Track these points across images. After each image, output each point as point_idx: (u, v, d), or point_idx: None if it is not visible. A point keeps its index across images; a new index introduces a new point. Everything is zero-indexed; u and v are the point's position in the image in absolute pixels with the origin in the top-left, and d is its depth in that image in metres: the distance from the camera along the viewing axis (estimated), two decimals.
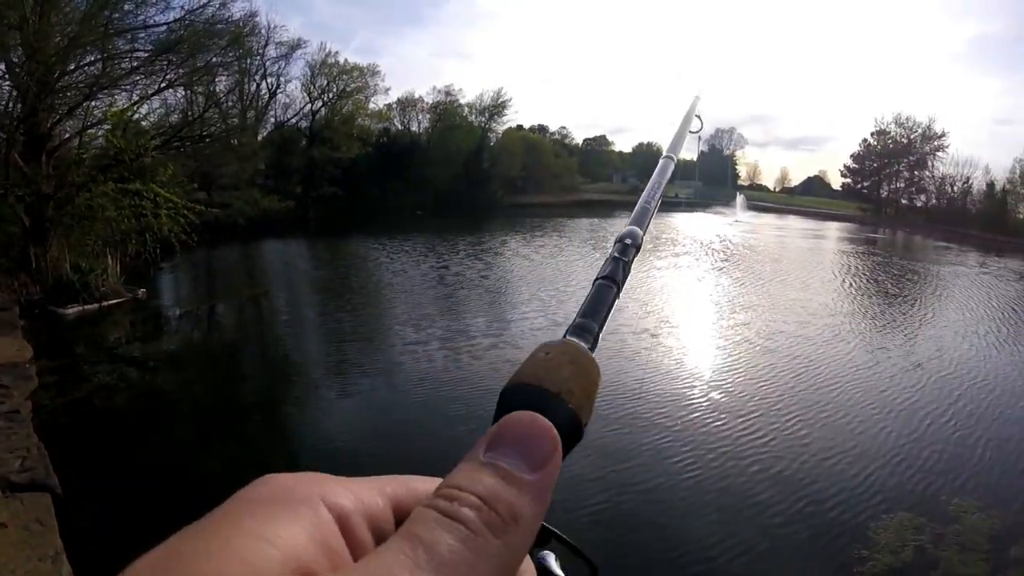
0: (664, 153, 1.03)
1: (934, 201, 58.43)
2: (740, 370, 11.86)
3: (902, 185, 62.55)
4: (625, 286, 0.58)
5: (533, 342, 7.66)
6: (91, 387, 9.87)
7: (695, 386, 10.75)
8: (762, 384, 11.05)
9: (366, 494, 0.34)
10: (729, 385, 10.95)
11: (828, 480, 7.74)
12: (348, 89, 39.63)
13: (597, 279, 0.57)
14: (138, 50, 16.56)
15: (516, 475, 0.31)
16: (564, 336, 0.47)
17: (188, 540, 0.29)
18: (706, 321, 15.79)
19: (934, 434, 9.33)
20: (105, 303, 14.06)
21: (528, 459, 0.32)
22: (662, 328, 14.42)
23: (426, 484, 0.36)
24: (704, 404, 9.92)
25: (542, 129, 75.98)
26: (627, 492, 7.16)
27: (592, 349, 0.46)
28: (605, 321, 0.51)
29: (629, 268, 0.60)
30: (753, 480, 7.65)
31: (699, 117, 1.46)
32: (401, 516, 0.32)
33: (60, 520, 5.51)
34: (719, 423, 9.27)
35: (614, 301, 0.55)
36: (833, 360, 12.69)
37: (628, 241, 0.63)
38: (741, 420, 9.36)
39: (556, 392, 0.37)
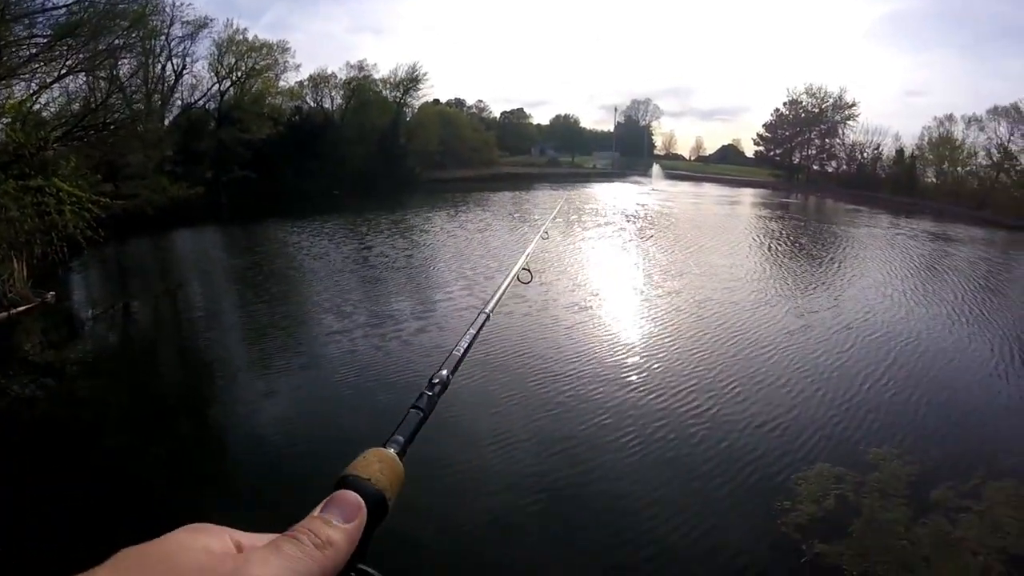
0: (485, 310, 1.19)
1: (845, 167, 61.32)
2: (672, 338, 12.39)
3: (814, 152, 65.65)
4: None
5: (459, 323, 7.87)
6: (8, 400, 9.45)
7: (629, 357, 11.15)
8: (693, 351, 11.56)
9: (254, 538, 0.53)
10: (663, 354, 11.44)
11: (751, 439, 8.13)
12: (257, 67, 37.85)
13: (411, 407, 0.77)
14: (36, 36, 15.37)
15: (332, 522, 0.55)
16: (384, 445, 0.69)
17: (154, 543, 0.49)
18: (635, 291, 16.28)
19: (855, 389, 9.93)
20: (14, 311, 13.30)
21: (342, 515, 0.55)
22: (591, 301, 14.77)
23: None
24: (638, 375, 10.31)
25: (459, 103, 75.48)
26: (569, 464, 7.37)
27: (401, 456, 0.67)
28: (412, 438, 0.72)
29: (435, 403, 0.80)
30: (681, 443, 7.99)
31: (528, 271, 1.74)
32: None
33: None
34: (652, 391, 9.68)
35: (420, 425, 0.75)
36: (759, 324, 13.46)
37: (436, 381, 0.83)
38: (673, 387, 9.79)
39: (367, 478, 0.60)
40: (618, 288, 16.48)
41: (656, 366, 10.82)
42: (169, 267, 21.23)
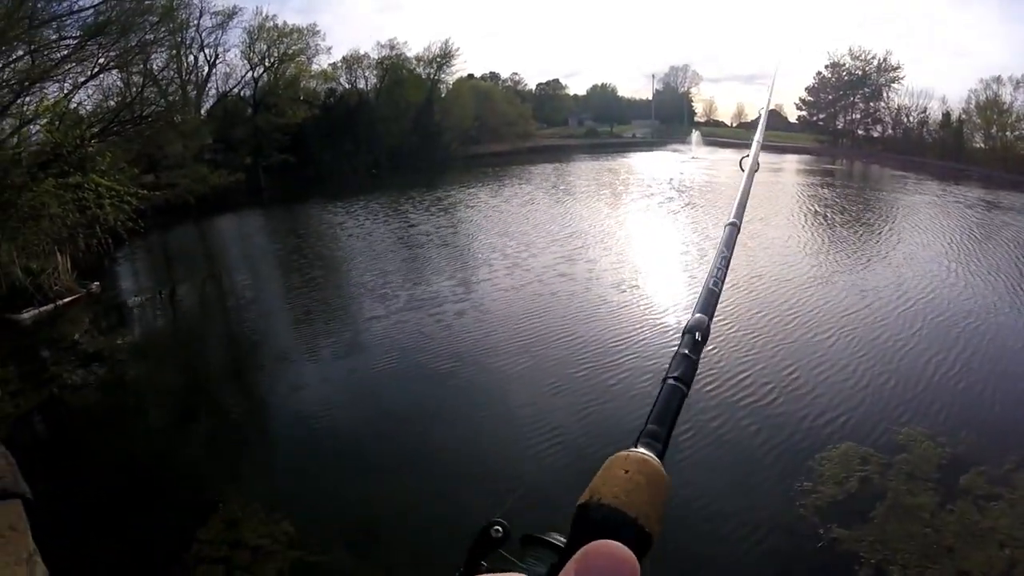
0: (728, 220, 0.99)
1: (890, 131, 59.02)
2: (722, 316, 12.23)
3: (858, 116, 63.00)
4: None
5: (503, 305, 7.94)
6: (56, 389, 9.85)
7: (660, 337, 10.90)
8: (724, 325, 11.25)
9: None
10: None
11: (776, 417, 7.91)
12: (289, 52, 38.18)
13: (666, 378, 0.58)
14: (66, 37, 15.90)
15: None
16: (636, 443, 0.51)
17: None
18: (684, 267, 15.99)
19: (891, 365, 9.53)
20: (60, 302, 13.87)
21: None
22: (636, 277, 14.72)
23: None
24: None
25: (494, 77, 74.51)
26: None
27: (662, 456, 0.50)
28: (674, 424, 0.55)
29: (698, 363, 0.61)
30: (701, 420, 7.80)
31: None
32: None
33: (33, 524, 5.65)
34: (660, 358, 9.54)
35: (683, 401, 0.58)
36: (794, 298, 13.07)
37: (698, 336, 0.63)
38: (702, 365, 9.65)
39: (634, 518, 0.42)
40: (660, 265, 16.30)
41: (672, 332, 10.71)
42: (212, 254, 21.86)
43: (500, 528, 0.48)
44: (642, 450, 0.49)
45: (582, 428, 7.80)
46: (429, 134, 48.20)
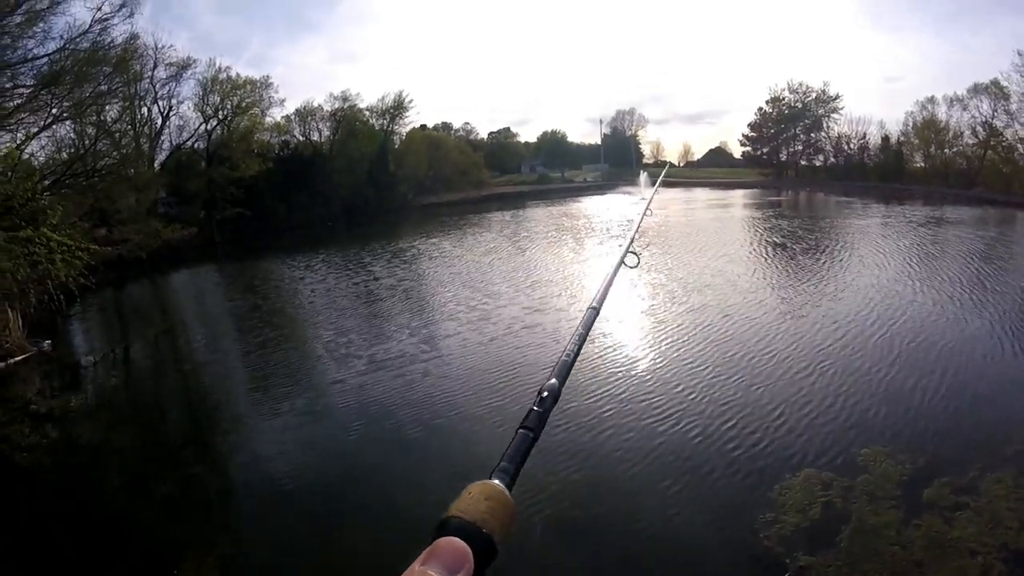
0: (589, 305, 1.11)
1: (832, 159, 61.69)
2: (651, 337, 12.36)
3: (800, 148, 65.84)
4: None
5: (472, 362, 7.66)
6: (7, 449, 9.45)
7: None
8: (666, 351, 11.49)
9: None
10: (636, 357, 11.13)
11: (729, 446, 7.78)
12: (243, 104, 38.12)
13: (519, 428, 0.69)
14: (20, 86, 15.57)
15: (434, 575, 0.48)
16: (491, 475, 0.62)
17: None
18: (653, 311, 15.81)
19: (845, 386, 9.47)
20: (10, 360, 13.39)
21: (445, 568, 0.49)
22: (606, 326, 14.51)
23: None
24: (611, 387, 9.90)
25: (446, 127, 76.11)
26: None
27: (510, 487, 0.60)
28: (522, 463, 0.65)
29: (547, 416, 0.72)
30: (651, 458, 7.64)
31: (635, 254, 1.70)
32: None
33: None
34: (609, 390, 9.63)
35: (531, 446, 0.68)
36: (740, 323, 13.12)
37: (546, 394, 0.74)
38: (644, 395, 9.51)
39: (472, 521, 0.53)
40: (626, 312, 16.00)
41: (627, 370, 10.71)
42: (166, 310, 21.24)
43: None
44: (495, 480, 0.60)
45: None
46: (384, 184, 48.47)
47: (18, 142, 16.15)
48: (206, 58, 58.18)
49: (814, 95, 63.58)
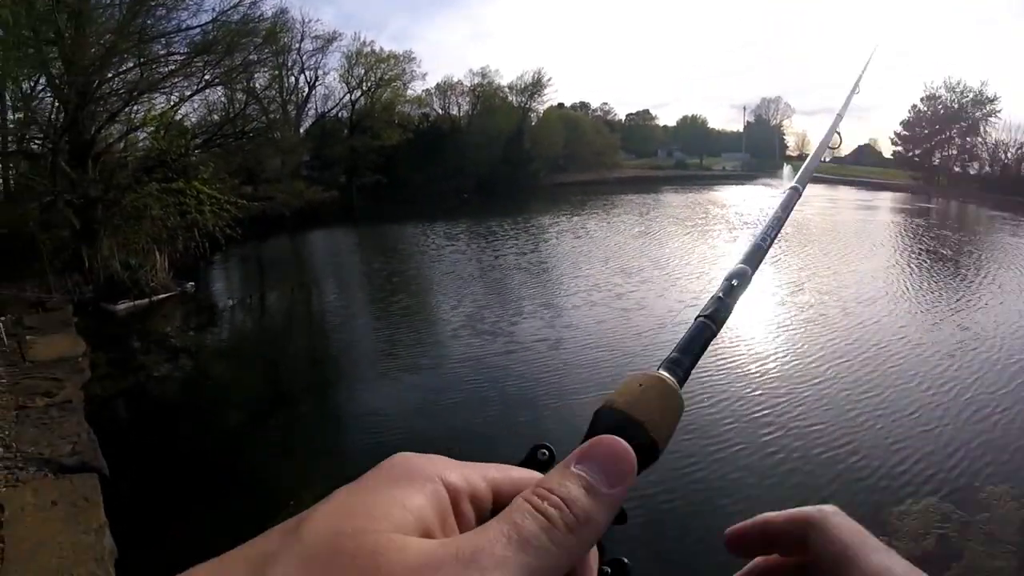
0: (791, 183, 0.95)
1: (987, 168, 55.54)
2: (791, 350, 11.66)
3: (954, 152, 59.48)
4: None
5: (595, 339, 7.54)
6: (142, 377, 10.36)
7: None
8: (813, 364, 10.84)
9: (473, 477, 0.40)
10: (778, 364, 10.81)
11: (851, 461, 7.54)
12: (386, 77, 39.82)
13: (698, 317, 0.59)
14: (174, 53, 17.17)
15: (595, 487, 0.38)
16: (659, 368, 0.51)
17: (353, 497, 0.36)
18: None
19: (971, 417, 8.89)
20: (155, 298, 14.63)
21: (607, 476, 0.39)
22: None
23: (521, 474, 0.44)
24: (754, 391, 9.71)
25: (583, 106, 75.18)
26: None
27: (681, 384, 0.51)
28: (698, 358, 0.55)
29: (732, 308, 0.61)
30: (783, 460, 7.55)
31: (839, 133, 1.40)
32: (499, 498, 0.41)
33: (107, 498, 5.92)
34: (737, 396, 9.26)
35: (710, 339, 0.57)
36: (887, 344, 12.12)
37: (735, 282, 0.64)
38: (787, 402, 9.21)
39: (640, 421, 0.44)
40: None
41: (769, 377, 10.32)
42: (303, 265, 22.43)
43: (547, 451, 0.49)
44: (662, 371, 0.51)
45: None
46: (518, 161, 48.80)
47: (172, 104, 17.86)
48: (351, 32, 60.75)
49: (971, 96, 57.22)
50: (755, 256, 0.69)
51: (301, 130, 37.42)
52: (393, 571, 0.31)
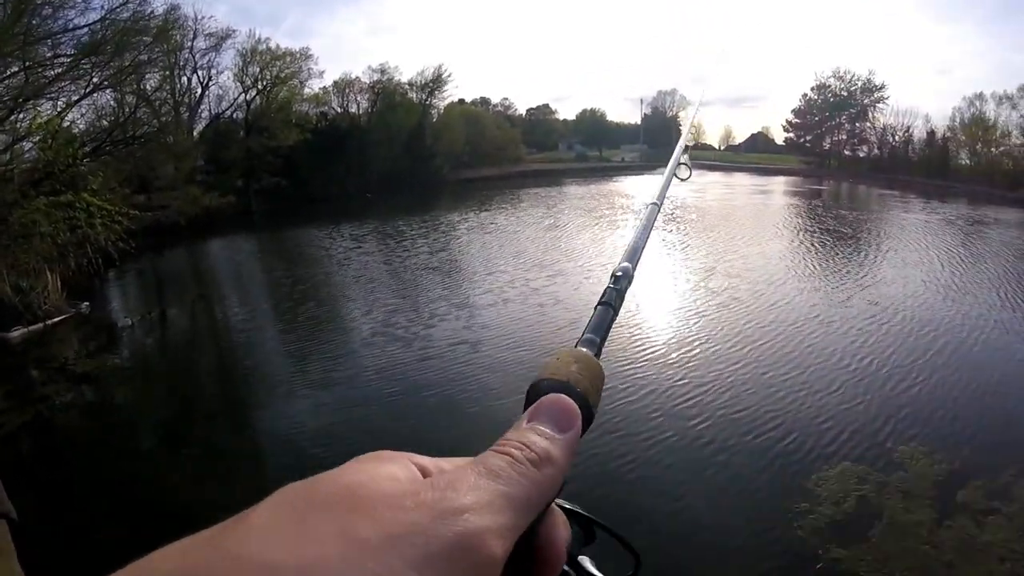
0: (650, 200, 1.11)
1: (876, 151, 59.96)
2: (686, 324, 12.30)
3: (844, 137, 64.12)
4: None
5: (503, 331, 7.63)
6: (44, 408, 9.68)
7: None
8: (710, 339, 11.39)
9: (440, 462, 0.41)
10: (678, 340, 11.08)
11: (767, 435, 7.83)
12: (282, 75, 38.53)
13: (598, 304, 0.67)
14: (61, 55, 16.06)
15: (549, 433, 0.42)
16: (576, 346, 0.57)
17: (326, 475, 0.36)
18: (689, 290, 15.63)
19: (879, 381, 9.49)
20: (49, 322, 13.66)
21: (557, 423, 0.43)
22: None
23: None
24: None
25: (484, 102, 75.56)
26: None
27: (597, 355, 0.56)
28: (606, 336, 0.62)
29: (623, 296, 0.71)
30: (690, 438, 7.77)
31: (688, 166, 1.48)
32: None
33: (20, 547, 5.47)
34: (651, 377, 9.61)
35: (612, 321, 0.65)
36: (784, 316, 13.00)
37: (620, 274, 0.74)
38: (685, 376, 9.59)
39: (566, 381, 0.48)
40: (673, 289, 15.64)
41: (663, 352, 10.70)
42: (203, 276, 21.55)
43: None
44: (582, 348, 0.56)
45: None
46: (421, 158, 48.52)
47: (59, 110, 16.59)
48: (246, 29, 58.91)
49: (860, 84, 61.94)
50: (634, 253, 0.81)
51: (195, 133, 35.60)
52: (372, 498, 0.33)
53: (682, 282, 16.10)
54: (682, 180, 1.45)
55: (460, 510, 0.33)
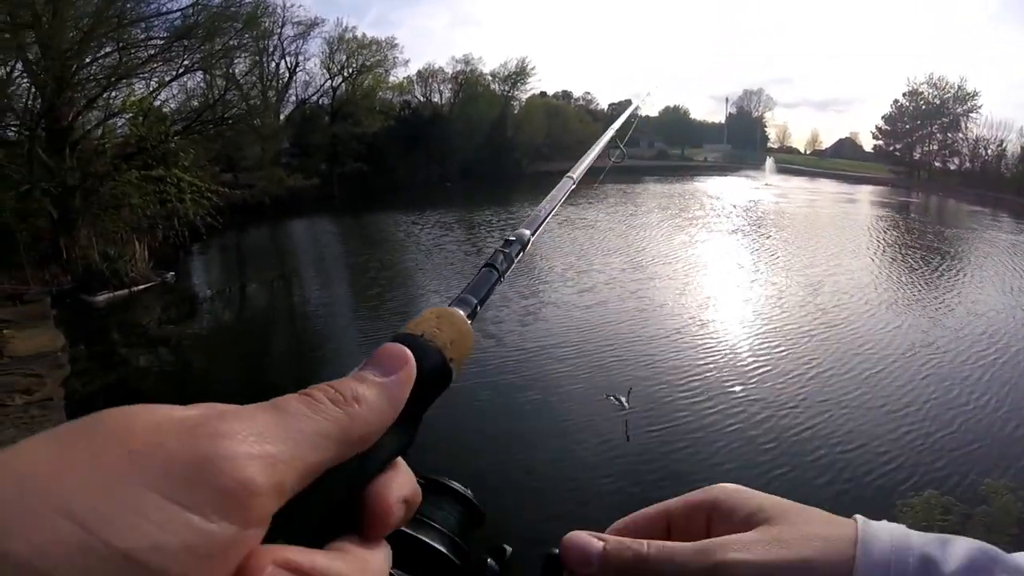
0: (568, 173, 1.10)
1: (968, 164, 56.24)
2: (780, 341, 11.73)
3: (935, 147, 60.15)
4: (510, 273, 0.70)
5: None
6: (124, 371, 10.17)
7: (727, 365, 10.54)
8: (805, 360, 10.79)
9: None
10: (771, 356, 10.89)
11: (852, 456, 7.63)
12: (367, 63, 39.31)
13: (484, 266, 0.67)
14: (153, 38, 16.90)
15: (366, 376, 0.40)
16: (449, 305, 0.56)
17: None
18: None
19: (970, 411, 9.05)
20: (134, 288, 14.37)
21: (381, 368, 0.40)
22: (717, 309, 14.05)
23: None
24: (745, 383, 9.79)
25: (566, 95, 74.96)
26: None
27: (471, 319, 0.56)
28: (485, 299, 0.61)
29: (511, 261, 0.71)
30: (780, 454, 7.61)
31: (621, 149, 1.59)
32: None
33: None
34: (739, 391, 9.32)
35: (495, 285, 0.65)
36: (881, 338, 12.22)
37: (513, 238, 0.74)
38: (781, 396, 9.25)
39: (420, 335, 0.47)
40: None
41: (751, 367, 10.40)
42: (284, 254, 22.03)
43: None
44: (452, 307, 0.56)
45: None
46: (501, 149, 48.68)
47: (151, 89, 17.50)
48: (333, 18, 60.37)
49: (952, 92, 57.96)
50: (534, 222, 0.82)
51: (281, 117, 36.77)
52: (139, 424, 0.30)
53: (799, 300, 14.96)
54: (617, 163, 1.59)
55: (216, 434, 0.30)
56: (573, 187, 1.07)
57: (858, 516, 0.50)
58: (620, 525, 0.54)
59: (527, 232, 0.77)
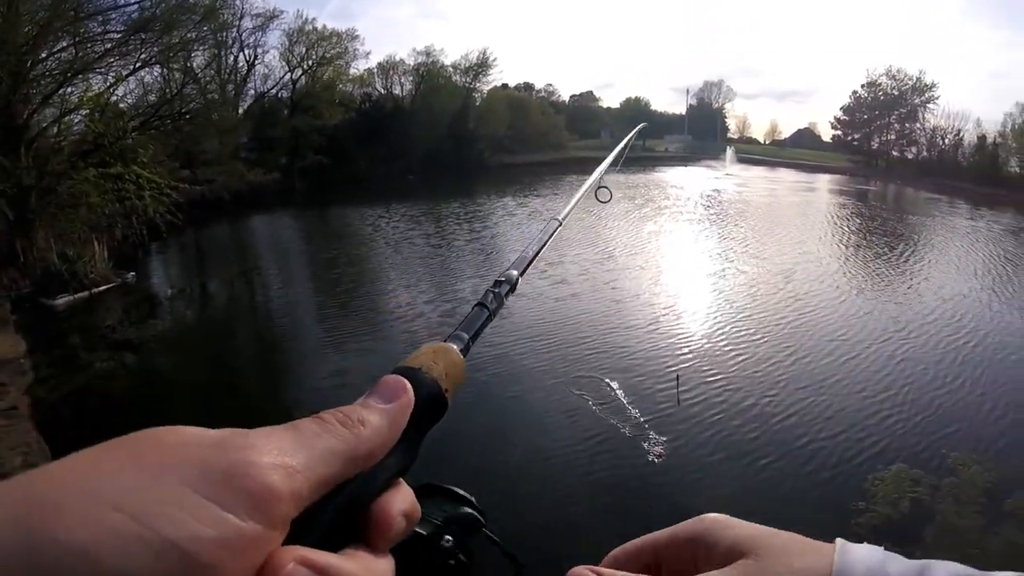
0: (553, 216, 1.13)
1: (925, 153, 57.68)
2: (750, 326, 12.08)
3: (893, 137, 61.65)
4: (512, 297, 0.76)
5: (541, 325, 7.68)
6: (88, 376, 9.96)
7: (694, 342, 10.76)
8: (770, 343, 11.19)
9: None
10: (739, 343, 11.15)
11: (828, 434, 7.91)
12: (327, 55, 38.92)
13: (476, 305, 0.70)
14: (111, 31, 16.42)
15: (370, 403, 0.45)
16: (444, 341, 0.60)
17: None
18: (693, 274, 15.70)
19: (934, 388, 9.46)
20: (95, 290, 14.06)
21: (382, 396, 0.45)
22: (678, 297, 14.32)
23: None
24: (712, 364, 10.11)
25: (528, 87, 74.95)
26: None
27: (464, 354, 0.59)
28: (476, 337, 0.65)
29: (501, 300, 0.74)
30: (753, 435, 7.86)
31: (608, 189, 1.69)
32: None
33: None
34: (720, 378, 9.56)
35: (486, 323, 0.69)
36: (844, 318, 12.78)
37: (503, 279, 0.78)
38: (746, 378, 9.57)
39: (418, 367, 0.51)
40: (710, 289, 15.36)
41: (731, 354, 10.65)
42: (245, 251, 21.84)
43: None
44: (447, 343, 0.59)
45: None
46: (463, 141, 48.44)
47: (107, 84, 17.03)
48: (292, 9, 59.49)
49: (911, 83, 59.61)
50: (523, 263, 0.84)
51: (240, 110, 36.14)
52: (174, 440, 0.35)
53: (769, 287, 15.31)
54: (602, 203, 1.68)
55: (244, 446, 0.35)
56: (559, 229, 1.09)
57: (839, 541, 0.54)
58: (610, 559, 0.59)
59: (515, 272, 0.80)
